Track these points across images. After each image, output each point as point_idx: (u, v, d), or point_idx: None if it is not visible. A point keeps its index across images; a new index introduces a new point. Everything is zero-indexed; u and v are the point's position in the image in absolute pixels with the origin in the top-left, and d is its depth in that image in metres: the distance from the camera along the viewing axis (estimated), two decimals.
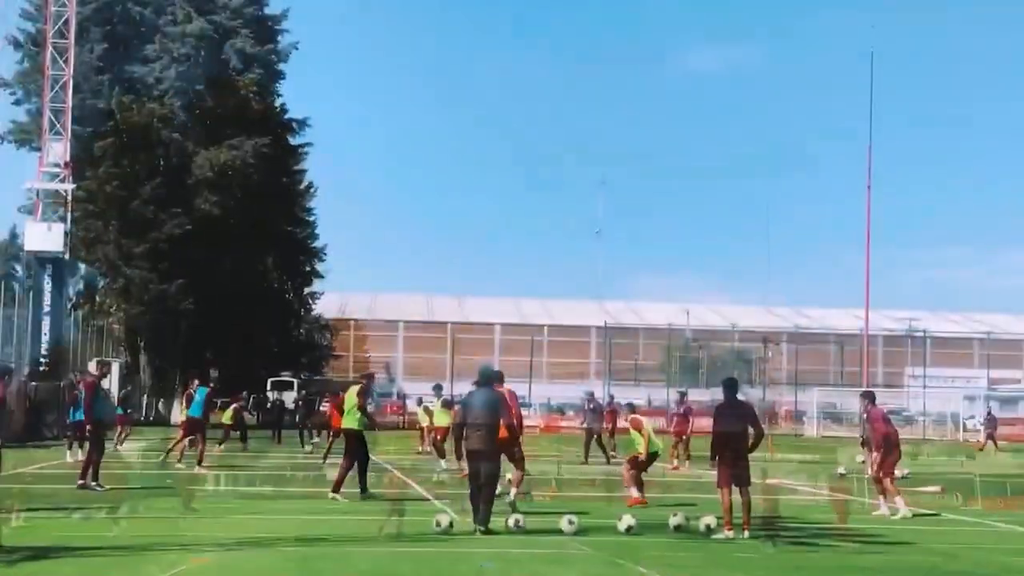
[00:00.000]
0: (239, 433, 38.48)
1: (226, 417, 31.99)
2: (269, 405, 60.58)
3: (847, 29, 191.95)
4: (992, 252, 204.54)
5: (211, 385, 32.58)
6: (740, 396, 17.35)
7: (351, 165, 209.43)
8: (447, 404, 29.56)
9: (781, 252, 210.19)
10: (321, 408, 57.89)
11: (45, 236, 47.67)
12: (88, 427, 22.15)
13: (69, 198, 49.62)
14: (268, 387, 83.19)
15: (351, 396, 21.18)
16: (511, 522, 16.13)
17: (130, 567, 12.25)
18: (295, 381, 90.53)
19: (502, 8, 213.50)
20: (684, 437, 33.30)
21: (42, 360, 47.36)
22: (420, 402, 40.34)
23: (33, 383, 46.01)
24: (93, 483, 21.57)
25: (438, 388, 33.35)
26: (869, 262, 76.54)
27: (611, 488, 22.86)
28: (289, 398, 74.66)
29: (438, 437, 29.57)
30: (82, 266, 71.43)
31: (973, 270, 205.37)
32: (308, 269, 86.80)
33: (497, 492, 16.54)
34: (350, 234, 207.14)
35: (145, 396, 69.87)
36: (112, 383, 59.84)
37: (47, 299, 48.02)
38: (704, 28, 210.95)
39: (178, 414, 40.72)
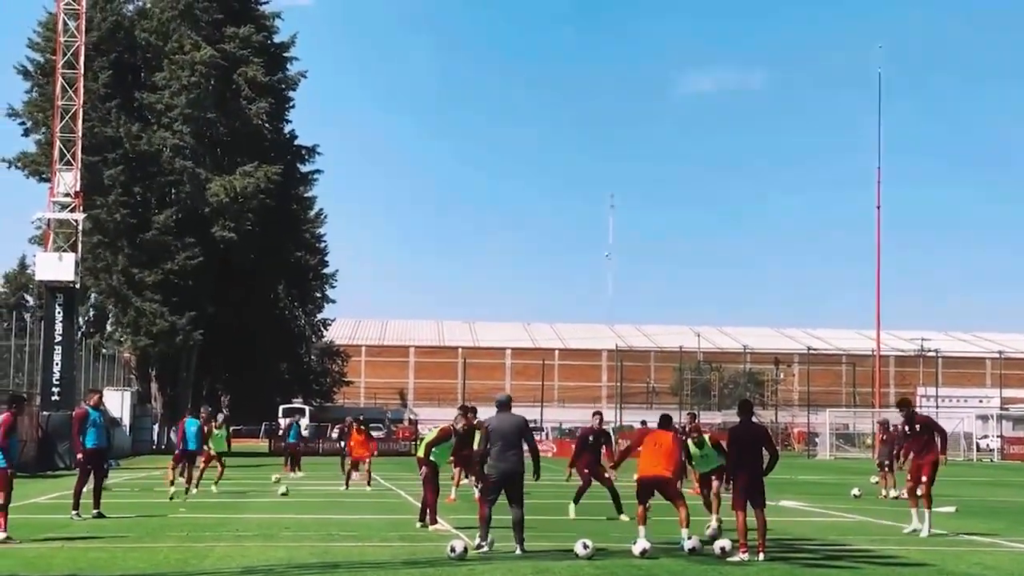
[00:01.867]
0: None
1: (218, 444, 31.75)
2: (281, 432, 60.58)
3: (852, 50, 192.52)
4: (1003, 271, 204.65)
5: (202, 415, 32.40)
6: (753, 418, 17.33)
7: (360, 192, 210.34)
8: None
9: (791, 273, 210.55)
10: (333, 436, 57.59)
11: (56, 266, 47.60)
12: (79, 456, 22.14)
13: (80, 228, 49.64)
14: (280, 414, 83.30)
15: (432, 433, 21.07)
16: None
17: None
18: (307, 408, 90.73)
19: (509, 33, 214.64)
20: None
21: (54, 389, 47.33)
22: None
23: (45, 413, 46.04)
24: (72, 513, 21.56)
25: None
26: (880, 283, 76.41)
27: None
28: (302, 425, 74.70)
29: None
30: (93, 295, 71.60)
31: (984, 289, 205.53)
32: (319, 296, 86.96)
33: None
34: (360, 260, 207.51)
35: (156, 425, 69.92)
36: (124, 412, 60.11)
37: (58, 328, 47.96)
38: (708, 52, 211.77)
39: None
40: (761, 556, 15.83)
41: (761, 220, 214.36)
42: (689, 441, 20.49)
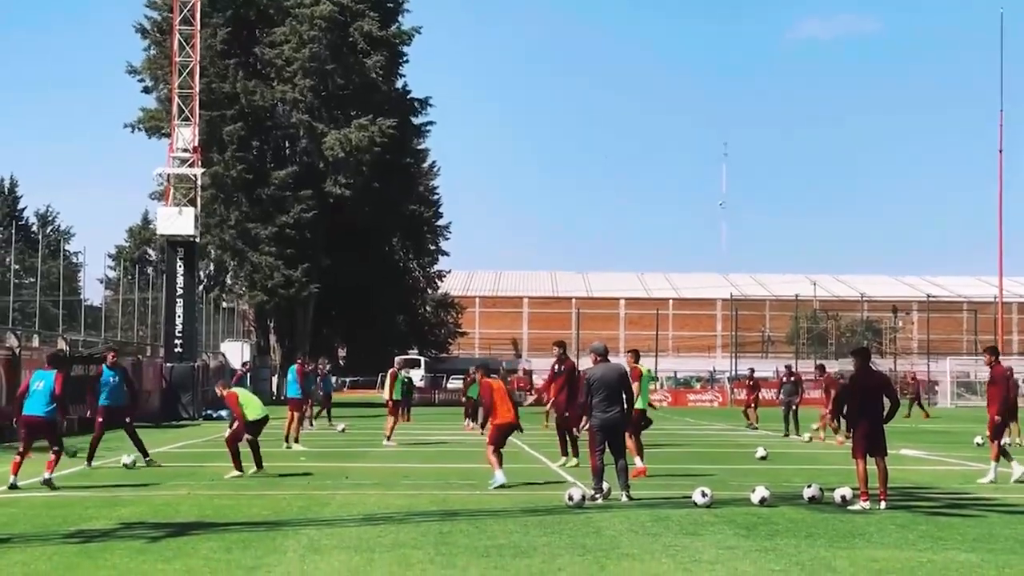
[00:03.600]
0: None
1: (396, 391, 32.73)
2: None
3: None
4: None
5: (298, 361, 33.12)
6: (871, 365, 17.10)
7: (473, 144, 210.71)
8: None
9: (909, 220, 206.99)
10: (448, 386, 57.81)
11: (176, 220, 48.55)
12: (95, 411, 22.52)
13: (198, 182, 50.48)
14: (396, 365, 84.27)
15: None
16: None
17: (268, 543, 12.44)
18: (422, 359, 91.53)
19: None
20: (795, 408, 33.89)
21: (176, 342, 48.36)
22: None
23: (168, 364, 47.06)
24: (87, 463, 21.82)
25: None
26: (1002, 228, 74.81)
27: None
28: (416, 375, 75.44)
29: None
30: (212, 250, 72.87)
31: None
32: (433, 248, 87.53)
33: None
34: (474, 213, 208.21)
35: (275, 376, 71.03)
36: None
37: (180, 282, 48.94)
38: None
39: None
40: (883, 504, 15.67)
41: (878, 165, 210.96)
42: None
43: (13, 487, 17.72)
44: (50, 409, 18.30)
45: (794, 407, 34.89)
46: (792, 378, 36.02)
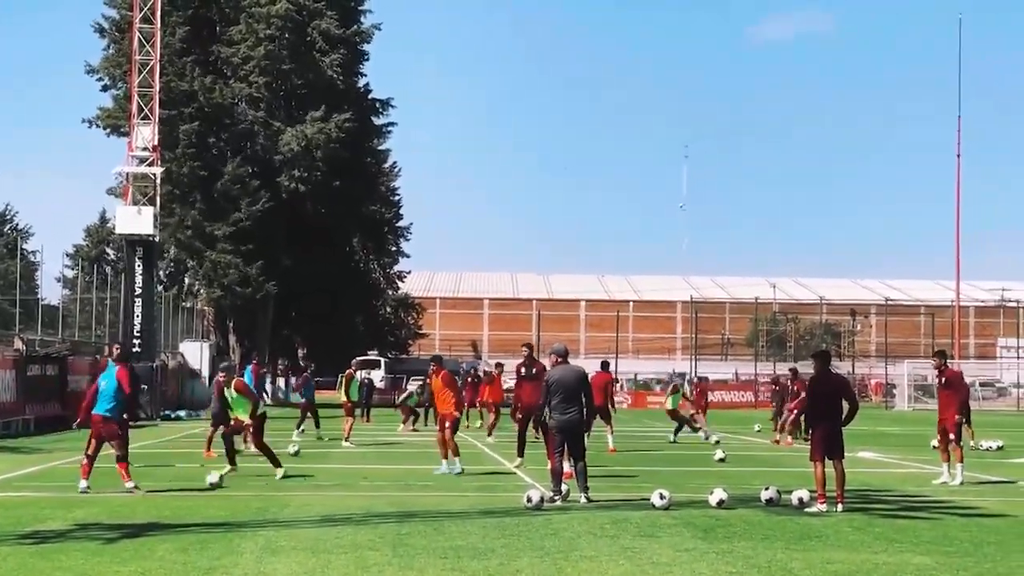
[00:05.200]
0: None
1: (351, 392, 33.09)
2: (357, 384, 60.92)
3: None
4: None
5: (254, 362, 33.14)
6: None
7: (435, 144, 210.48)
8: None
9: (868, 223, 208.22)
10: (409, 388, 57.49)
11: (135, 219, 48.31)
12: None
13: (158, 181, 50.19)
14: (352, 366, 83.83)
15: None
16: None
17: (225, 544, 12.39)
18: (382, 360, 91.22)
19: None
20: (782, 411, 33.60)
21: (135, 341, 48.06)
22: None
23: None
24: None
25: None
26: (959, 232, 75.36)
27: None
28: (376, 377, 75.20)
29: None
30: (172, 249, 72.45)
31: None
32: (394, 249, 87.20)
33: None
34: (435, 214, 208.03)
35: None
36: (203, 364, 60.85)
37: (138, 281, 48.67)
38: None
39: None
40: (839, 507, 15.75)
41: (837, 169, 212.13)
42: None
43: (85, 491, 17.36)
44: (111, 407, 17.97)
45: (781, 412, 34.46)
46: (792, 385, 35.49)
